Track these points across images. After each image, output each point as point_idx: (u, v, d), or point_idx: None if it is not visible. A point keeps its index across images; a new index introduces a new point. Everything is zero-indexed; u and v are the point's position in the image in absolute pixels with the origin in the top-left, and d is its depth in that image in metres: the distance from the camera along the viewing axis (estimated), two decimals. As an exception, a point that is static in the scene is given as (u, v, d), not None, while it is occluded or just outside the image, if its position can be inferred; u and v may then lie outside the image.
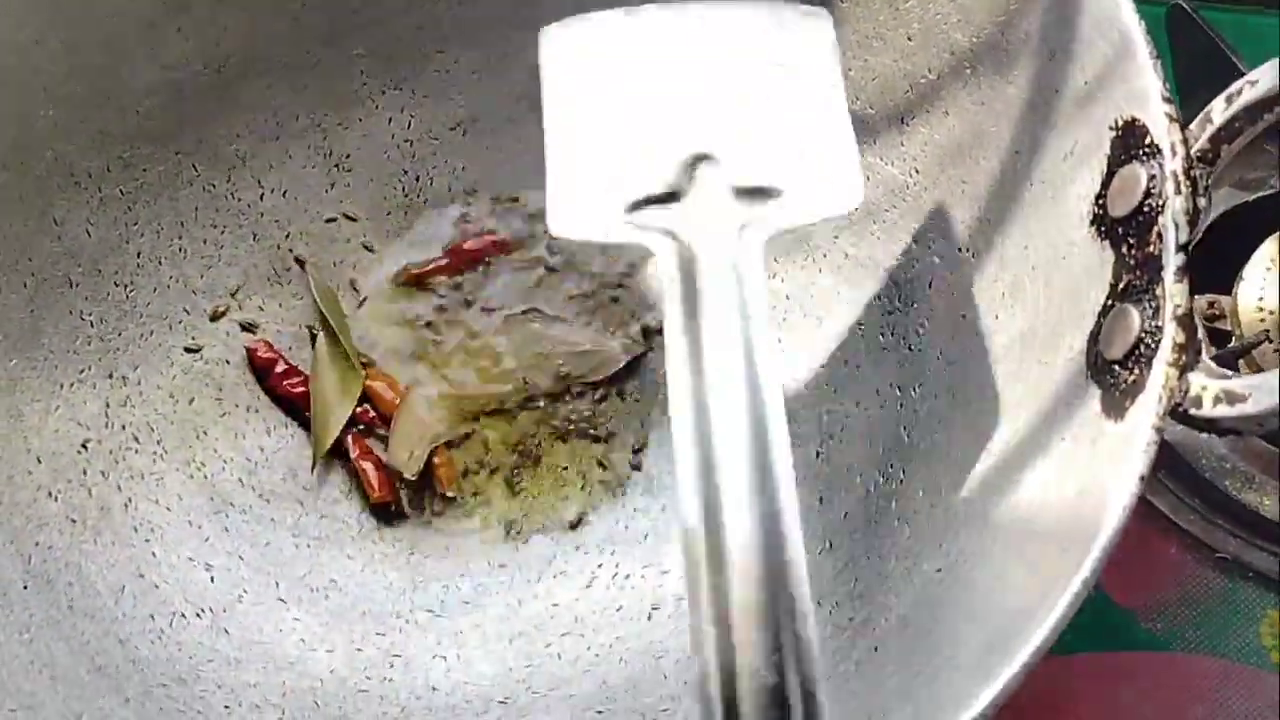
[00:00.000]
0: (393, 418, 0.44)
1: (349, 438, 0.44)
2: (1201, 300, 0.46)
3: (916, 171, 0.41)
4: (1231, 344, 0.43)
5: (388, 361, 0.45)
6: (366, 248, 0.47)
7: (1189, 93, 0.50)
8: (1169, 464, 0.45)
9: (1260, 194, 0.48)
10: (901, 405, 0.40)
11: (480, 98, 0.47)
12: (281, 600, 0.40)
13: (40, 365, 0.41)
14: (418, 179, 0.47)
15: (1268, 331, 0.43)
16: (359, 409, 0.44)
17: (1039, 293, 0.36)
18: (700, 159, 0.32)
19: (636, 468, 0.44)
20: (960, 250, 0.39)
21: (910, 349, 0.41)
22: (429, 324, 0.46)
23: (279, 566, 0.41)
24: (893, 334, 0.42)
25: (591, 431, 0.45)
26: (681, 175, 0.32)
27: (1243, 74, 0.48)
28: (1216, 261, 0.45)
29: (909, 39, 0.41)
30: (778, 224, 0.32)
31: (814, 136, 0.33)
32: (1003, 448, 0.35)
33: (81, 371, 0.42)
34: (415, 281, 0.46)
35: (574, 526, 0.43)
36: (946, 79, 0.40)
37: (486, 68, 0.47)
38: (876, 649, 0.34)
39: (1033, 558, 0.30)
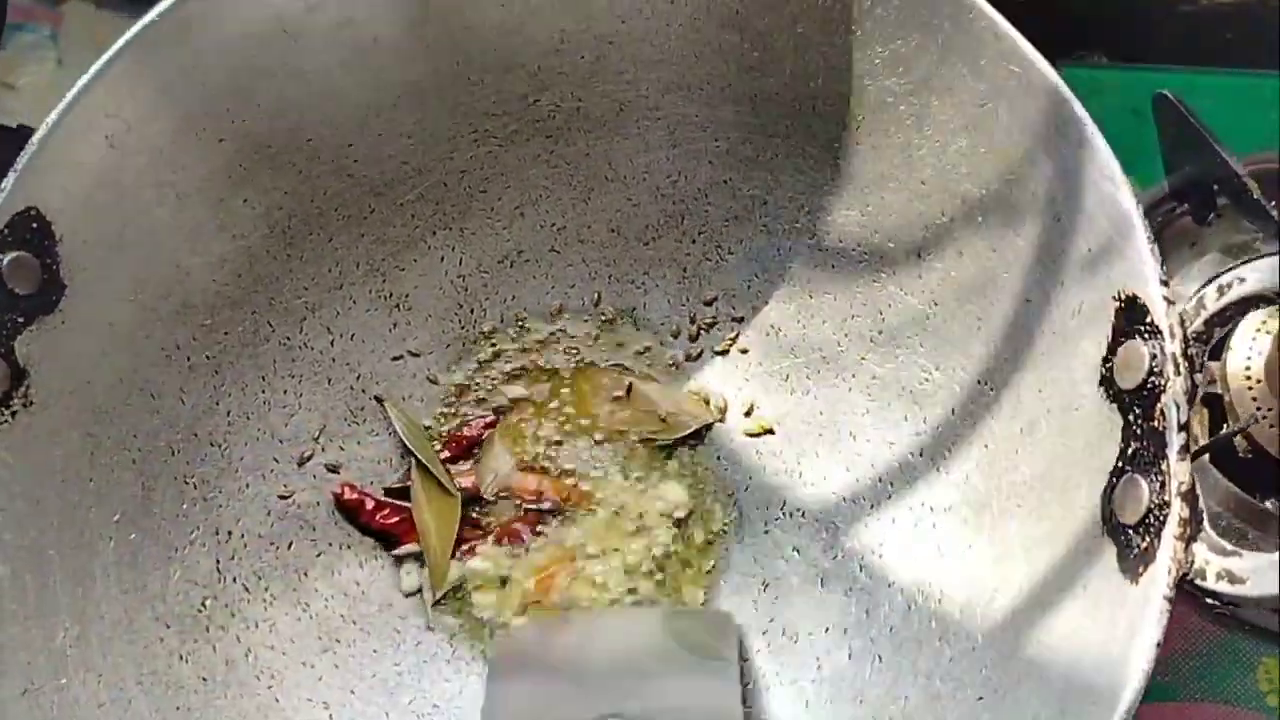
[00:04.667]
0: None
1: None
2: (1192, 368, 0.49)
3: (935, 304, 0.44)
4: (1224, 430, 0.47)
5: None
6: (430, 380, 0.50)
7: (1175, 165, 0.54)
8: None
9: (1244, 260, 0.51)
10: (935, 525, 0.43)
11: (523, 231, 0.50)
12: (392, 728, 0.44)
13: (155, 533, 0.43)
14: (472, 311, 0.50)
15: (1258, 409, 0.47)
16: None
17: (1054, 438, 0.38)
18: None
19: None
20: (979, 382, 0.42)
21: (938, 470, 0.43)
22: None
23: (386, 696, 0.44)
24: (921, 454, 0.44)
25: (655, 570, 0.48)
26: None
27: (1218, 152, 0.51)
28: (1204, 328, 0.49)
29: (922, 183, 0.43)
30: None
31: None
32: (1028, 585, 0.37)
33: (191, 533, 0.44)
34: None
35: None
36: (959, 223, 0.42)
37: (527, 203, 0.49)
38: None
39: (1064, 702, 0.34)
